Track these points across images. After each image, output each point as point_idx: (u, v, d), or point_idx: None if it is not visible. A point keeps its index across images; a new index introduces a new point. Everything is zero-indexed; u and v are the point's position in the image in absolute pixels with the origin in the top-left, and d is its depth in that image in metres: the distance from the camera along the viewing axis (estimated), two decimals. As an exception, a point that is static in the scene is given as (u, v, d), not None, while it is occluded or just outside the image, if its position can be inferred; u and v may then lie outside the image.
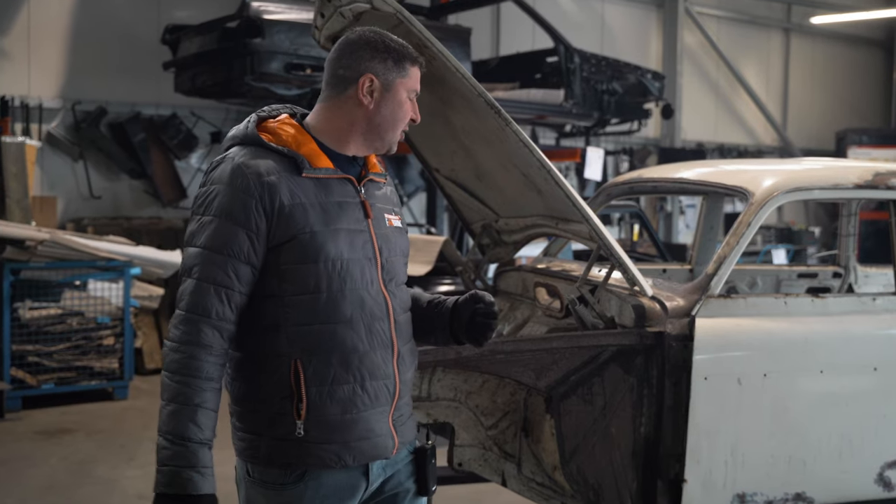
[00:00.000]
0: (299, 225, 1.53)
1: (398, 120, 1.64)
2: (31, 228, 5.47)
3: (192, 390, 1.50)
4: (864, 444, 2.61)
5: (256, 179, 1.53)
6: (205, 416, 1.50)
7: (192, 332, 1.51)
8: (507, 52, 8.66)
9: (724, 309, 2.52)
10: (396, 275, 1.66)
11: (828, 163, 3.25)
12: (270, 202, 1.52)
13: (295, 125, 1.63)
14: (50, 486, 3.87)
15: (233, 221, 1.52)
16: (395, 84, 1.62)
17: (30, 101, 6.79)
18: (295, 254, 1.54)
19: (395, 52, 1.63)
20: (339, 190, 1.60)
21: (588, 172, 7.38)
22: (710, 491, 2.47)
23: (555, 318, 2.83)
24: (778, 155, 11.96)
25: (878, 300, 2.71)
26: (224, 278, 1.51)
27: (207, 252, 1.52)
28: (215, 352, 1.52)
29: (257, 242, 1.53)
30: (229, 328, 1.54)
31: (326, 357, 1.55)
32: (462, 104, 2.46)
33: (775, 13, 12.26)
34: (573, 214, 2.56)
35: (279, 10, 5.66)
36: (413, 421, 1.72)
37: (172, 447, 1.49)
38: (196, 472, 1.48)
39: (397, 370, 1.63)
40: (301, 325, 1.55)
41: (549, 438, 2.50)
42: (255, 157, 1.56)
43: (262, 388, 1.57)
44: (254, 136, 1.59)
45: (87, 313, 5.23)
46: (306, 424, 1.54)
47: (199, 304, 1.51)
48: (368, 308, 1.59)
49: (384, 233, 1.65)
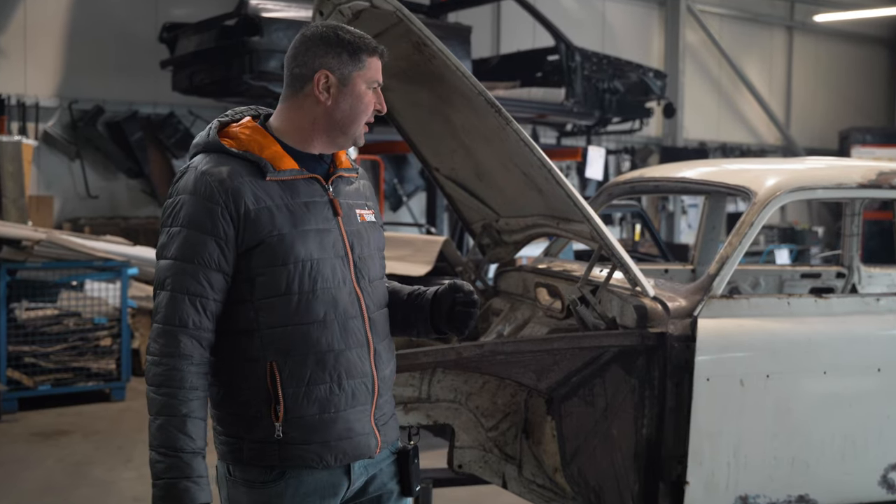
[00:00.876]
0: (266, 229, 1.54)
1: (359, 113, 1.63)
2: (28, 228, 5.45)
3: (177, 401, 1.51)
4: (868, 445, 2.60)
5: (220, 186, 1.54)
6: (193, 426, 1.51)
7: (170, 344, 1.52)
8: (507, 50, 8.65)
9: (726, 309, 2.50)
10: (370, 271, 1.65)
11: (831, 162, 3.23)
12: (236, 208, 1.53)
13: (257, 128, 1.63)
14: (46, 487, 3.86)
15: (200, 230, 1.53)
16: (353, 77, 1.61)
17: (26, 100, 6.78)
18: (264, 257, 1.54)
19: (349, 45, 1.61)
20: (305, 190, 1.60)
21: (589, 172, 7.36)
22: (712, 493, 2.45)
23: (556, 319, 2.81)
24: (781, 154, 11.93)
25: (882, 301, 2.69)
26: (197, 287, 1.53)
27: (179, 263, 1.54)
28: (196, 361, 1.53)
29: (226, 249, 1.54)
30: (207, 336, 1.55)
31: (301, 358, 1.56)
32: (462, 103, 2.45)
33: (778, 11, 12.23)
34: (574, 214, 2.54)
35: (278, 8, 5.65)
36: (395, 421, 1.72)
37: (166, 460, 1.50)
38: (191, 482, 1.49)
39: (375, 368, 1.63)
40: (274, 328, 1.55)
41: (549, 440, 2.49)
42: (217, 164, 1.57)
43: (240, 392, 1.58)
44: (215, 143, 1.60)
45: (83, 314, 5.20)
46: (285, 426, 1.55)
47: (175, 315, 1.52)
48: (342, 307, 1.59)
49: (355, 229, 1.65)
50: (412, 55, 2.35)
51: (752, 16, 11.88)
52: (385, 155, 7.43)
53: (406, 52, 2.35)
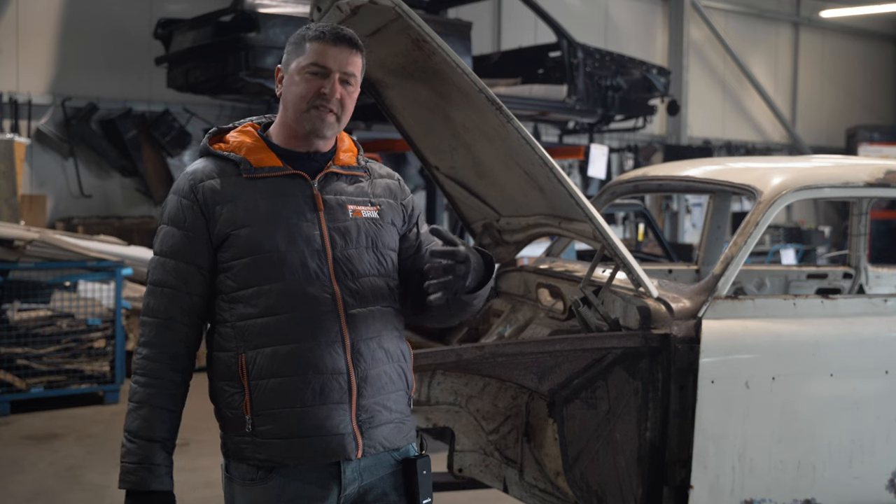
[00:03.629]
0: (236, 223, 1.59)
1: (295, 98, 1.63)
2: (20, 228, 5.41)
3: (146, 390, 1.58)
4: (876, 448, 2.57)
5: (196, 183, 1.62)
6: (155, 415, 1.58)
7: (146, 334, 1.61)
8: (508, 46, 8.61)
9: (731, 310, 2.47)
10: (356, 267, 1.63)
11: (838, 160, 3.18)
12: (207, 204, 1.60)
13: (248, 131, 1.70)
14: (39, 492, 3.83)
15: (176, 226, 1.62)
16: (292, 66, 1.65)
17: (19, 98, 6.74)
18: (232, 251, 1.60)
19: (296, 38, 1.65)
20: (284, 186, 1.63)
21: (592, 170, 7.33)
22: (717, 497, 2.43)
23: (558, 320, 2.78)
24: (787, 152, 11.88)
25: (890, 301, 2.66)
26: (171, 280, 1.61)
27: (158, 258, 1.64)
28: (167, 352, 1.60)
29: (199, 243, 1.61)
30: (178, 327, 1.61)
31: (268, 351, 1.57)
32: (462, 100, 2.42)
33: (784, 7, 12.17)
34: (576, 213, 2.51)
35: (274, 3, 5.62)
36: (400, 426, 1.67)
37: (127, 444, 1.58)
38: (145, 468, 1.56)
39: (352, 365, 1.59)
40: (244, 320, 1.59)
41: (551, 443, 2.46)
42: (202, 165, 1.66)
43: (221, 385, 1.63)
44: (205, 147, 1.69)
45: (77, 315, 5.15)
46: (254, 419, 1.58)
47: (152, 306, 1.62)
48: (311, 301, 1.58)
49: (342, 225, 1.64)
50: (411, 51, 2.32)
51: (757, 11, 11.82)
52: (384, 153, 7.41)
53: (405, 48, 2.32)
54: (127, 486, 1.56)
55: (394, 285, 1.70)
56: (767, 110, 11.96)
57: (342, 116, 1.65)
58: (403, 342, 1.71)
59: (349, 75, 1.63)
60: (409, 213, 1.77)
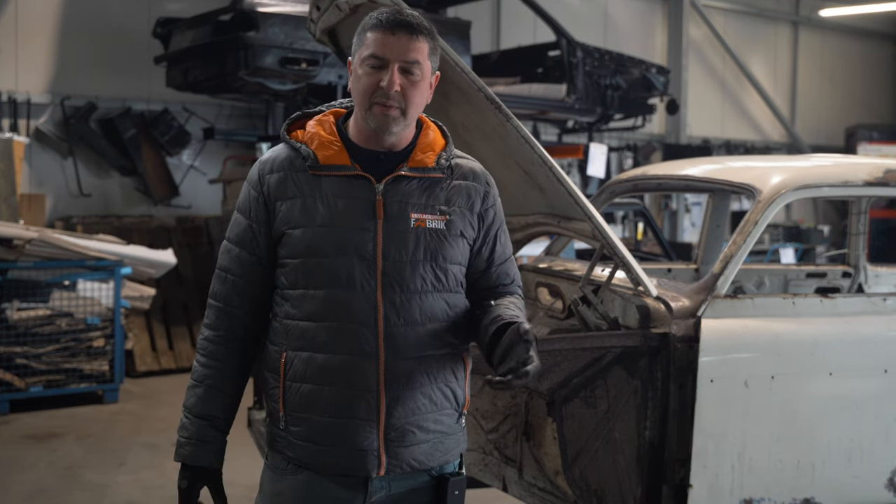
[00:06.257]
0: (292, 221, 1.56)
1: (358, 94, 1.54)
2: (19, 227, 5.39)
3: (204, 370, 1.61)
4: (875, 447, 2.57)
5: (264, 174, 1.60)
6: (208, 394, 1.60)
7: (209, 317, 1.64)
8: (507, 45, 8.59)
9: (730, 309, 2.46)
10: (407, 281, 1.53)
11: (837, 159, 3.18)
12: (271, 197, 1.58)
13: (325, 121, 1.62)
14: (38, 491, 3.81)
15: (243, 214, 1.62)
16: (355, 59, 1.56)
17: (17, 97, 6.72)
18: (286, 249, 1.58)
19: (361, 26, 1.57)
20: (347, 188, 1.55)
21: (591, 169, 7.32)
22: (716, 496, 2.42)
23: (557, 319, 2.78)
24: (786, 151, 11.87)
25: (889, 300, 2.65)
26: (235, 268, 1.62)
27: (225, 243, 1.65)
28: (224, 335, 1.61)
29: (260, 234, 1.59)
30: (238, 313, 1.61)
31: (304, 355, 1.56)
32: (461, 99, 2.42)
33: (783, 6, 12.15)
34: (576, 212, 2.51)
35: (274, 2, 5.60)
36: (438, 445, 1.58)
37: (183, 419, 1.62)
38: (192, 443, 1.60)
39: (384, 386, 1.52)
40: (289, 319, 1.58)
41: (550, 442, 2.46)
42: (273, 154, 1.63)
43: (267, 375, 1.63)
44: (283, 134, 1.65)
45: (76, 314, 5.14)
46: (286, 418, 1.58)
47: (216, 290, 1.64)
48: (351, 312, 1.52)
49: (399, 235, 1.54)
50: (410, 51, 2.31)
51: (756, 11, 11.81)
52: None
53: (404, 47, 2.31)
54: (179, 458, 1.60)
55: (454, 301, 1.58)
56: (766, 109, 11.95)
57: (408, 109, 1.52)
58: (457, 360, 1.60)
59: (411, 63, 1.51)
60: (487, 226, 1.63)
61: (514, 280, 1.71)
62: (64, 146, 6.94)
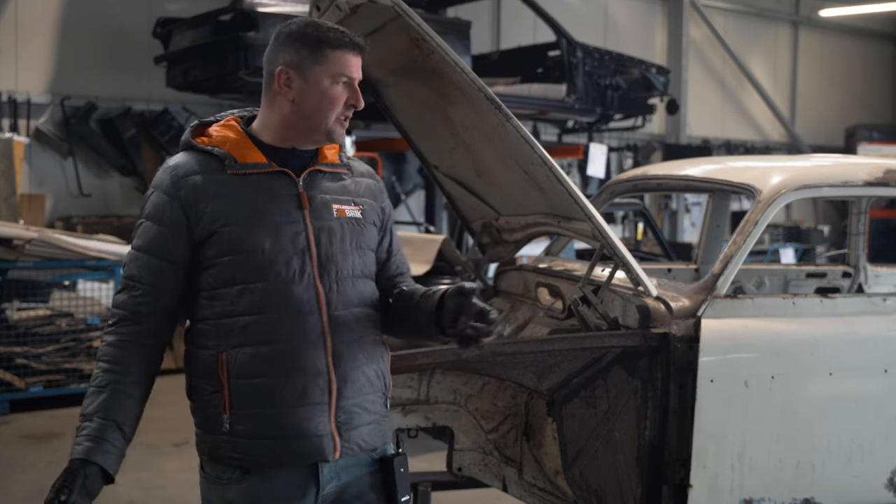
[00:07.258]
0: (219, 220, 1.58)
1: (325, 109, 1.62)
2: (19, 227, 5.40)
3: (107, 375, 1.57)
4: (875, 447, 2.56)
5: (178, 179, 1.60)
6: (115, 399, 1.56)
7: (112, 325, 1.61)
8: (507, 45, 8.60)
9: (730, 310, 2.46)
10: (341, 267, 1.62)
11: (837, 159, 3.18)
12: (190, 200, 1.58)
13: (231, 125, 1.67)
14: (38, 491, 3.78)
15: (154, 221, 1.61)
16: (314, 73, 1.61)
17: (18, 97, 6.72)
18: (216, 249, 1.58)
19: (311, 40, 1.61)
20: (269, 184, 1.61)
21: (591, 169, 7.32)
22: (716, 496, 2.42)
23: (557, 319, 2.78)
24: (786, 151, 11.87)
25: (889, 300, 2.65)
26: (142, 274, 1.60)
27: (134, 252, 1.62)
28: (128, 339, 1.58)
29: (176, 240, 1.59)
30: (149, 323, 1.59)
31: (248, 350, 1.56)
32: (461, 99, 2.41)
33: (783, 6, 12.16)
34: (575, 212, 2.51)
35: (273, 2, 5.61)
36: (378, 427, 1.67)
37: (81, 424, 1.57)
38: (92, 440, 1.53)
39: (332, 367, 1.59)
40: (225, 318, 1.58)
41: (550, 443, 2.46)
42: (184, 160, 1.63)
43: (198, 383, 1.62)
44: (187, 141, 1.66)
45: (76, 314, 5.15)
46: (232, 419, 1.57)
47: (120, 299, 1.61)
48: (294, 301, 1.57)
49: (326, 224, 1.62)
50: (410, 51, 2.32)
51: (756, 11, 11.81)
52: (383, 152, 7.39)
53: (404, 47, 2.31)
54: (76, 455, 1.52)
55: (373, 287, 1.69)
56: (766, 109, 11.95)
57: None
58: (382, 344, 1.71)
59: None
60: (385, 219, 1.76)
61: (408, 271, 1.83)
62: (64, 146, 6.94)
